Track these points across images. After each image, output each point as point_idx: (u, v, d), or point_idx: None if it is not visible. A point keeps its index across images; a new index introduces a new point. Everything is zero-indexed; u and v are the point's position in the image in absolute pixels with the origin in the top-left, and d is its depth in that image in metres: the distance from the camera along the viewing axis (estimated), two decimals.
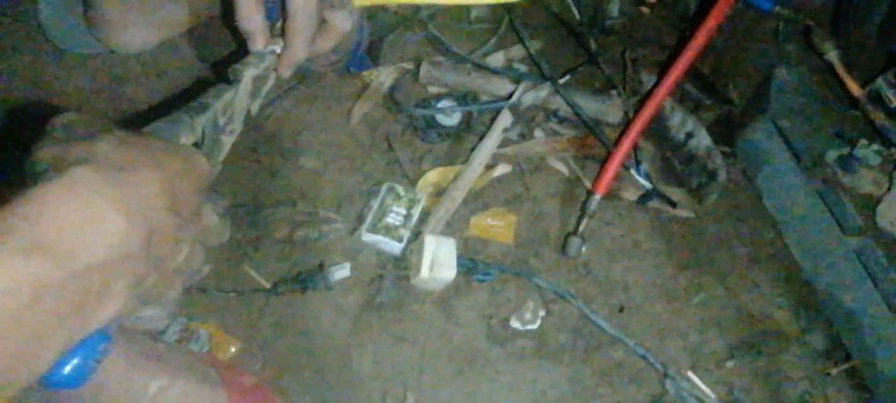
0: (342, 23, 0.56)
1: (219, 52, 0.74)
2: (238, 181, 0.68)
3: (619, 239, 0.75)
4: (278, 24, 0.57)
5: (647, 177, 0.77)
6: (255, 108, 0.52)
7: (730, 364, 0.71)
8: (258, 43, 0.53)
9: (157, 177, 0.31)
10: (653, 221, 0.77)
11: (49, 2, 0.68)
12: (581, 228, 0.72)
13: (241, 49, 0.56)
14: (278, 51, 0.57)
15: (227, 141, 0.49)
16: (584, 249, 0.72)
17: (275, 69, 0.54)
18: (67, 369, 0.34)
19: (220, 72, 0.72)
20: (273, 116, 0.72)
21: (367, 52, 0.74)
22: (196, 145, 0.44)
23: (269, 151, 0.71)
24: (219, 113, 0.47)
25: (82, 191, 0.28)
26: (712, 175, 0.80)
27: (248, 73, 0.49)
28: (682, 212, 0.78)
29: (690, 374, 0.69)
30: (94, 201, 0.28)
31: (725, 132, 0.83)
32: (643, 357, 0.68)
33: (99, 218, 0.28)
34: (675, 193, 0.78)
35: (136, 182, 0.30)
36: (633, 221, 0.77)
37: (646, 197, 0.77)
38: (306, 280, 0.64)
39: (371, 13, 0.67)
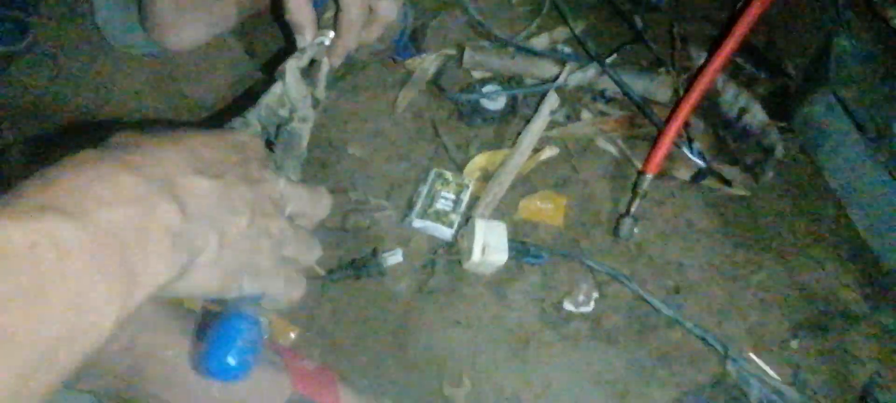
0: (388, 11, 0.57)
1: (267, 46, 0.75)
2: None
3: (672, 219, 0.74)
4: (326, 15, 0.58)
5: (700, 154, 0.75)
6: (319, 93, 0.53)
7: (794, 343, 0.69)
8: (307, 35, 0.54)
9: (173, 145, 0.32)
10: (707, 200, 0.75)
11: (106, 4, 0.70)
12: (632, 209, 0.71)
13: (289, 43, 0.57)
14: (326, 42, 0.58)
15: (301, 127, 0.50)
16: (636, 230, 0.71)
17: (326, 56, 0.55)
18: (231, 360, 0.34)
19: (267, 65, 0.74)
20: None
21: (410, 40, 0.74)
22: (268, 145, 0.47)
23: (318, 142, 0.72)
24: (274, 106, 0.50)
25: (90, 160, 0.28)
26: (768, 151, 0.77)
27: (290, 64, 0.51)
28: (737, 190, 0.75)
29: (752, 355, 0.67)
30: (102, 165, 0.28)
31: (781, 106, 0.80)
32: (702, 338, 0.67)
33: (109, 178, 0.28)
34: (729, 171, 0.76)
35: (150, 149, 0.30)
36: (686, 201, 0.75)
37: (699, 175, 0.75)
38: (360, 267, 0.65)
39: (413, 0, 0.67)
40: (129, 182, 0.28)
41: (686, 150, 0.75)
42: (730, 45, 0.70)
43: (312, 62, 0.54)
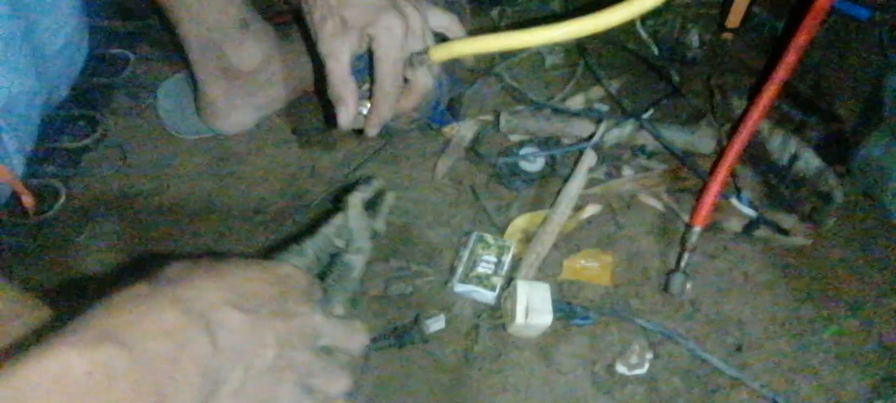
0: (423, 81, 0.59)
1: (311, 124, 0.79)
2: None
3: (727, 272, 0.70)
4: (364, 87, 0.61)
5: (751, 204, 0.72)
6: (379, 226, 0.56)
7: None
8: (350, 108, 0.57)
9: (216, 279, 0.35)
10: (763, 252, 0.71)
11: (166, 96, 0.77)
12: (683, 264, 0.68)
13: (329, 118, 0.60)
14: (365, 113, 0.61)
15: (355, 259, 0.52)
16: (689, 286, 0.68)
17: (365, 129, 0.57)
18: None
19: (310, 140, 0.78)
20: (361, 177, 0.76)
21: (447, 108, 0.76)
22: (322, 274, 0.50)
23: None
24: (332, 236, 0.53)
25: (143, 294, 0.33)
26: (826, 197, 0.73)
27: (354, 198, 0.54)
28: (796, 240, 0.71)
29: None
30: (151, 300, 0.32)
31: (836, 151, 0.77)
32: (773, 400, 0.62)
33: (156, 312, 0.32)
34: (785, 220, 0.72)
35: (195, 283, 0.34)
36: (740, 253, 0.71)
37: (751, 225, 0.71)
38: (402, 334, 0.64)
39: (448, 69, 0.69)
40: (171, 316, 0.32)
41: (735, 201, 0.72)
42: (771, 90, 0.69)
43: (377, 196, 0.57)
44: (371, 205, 0.57)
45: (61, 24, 0.58)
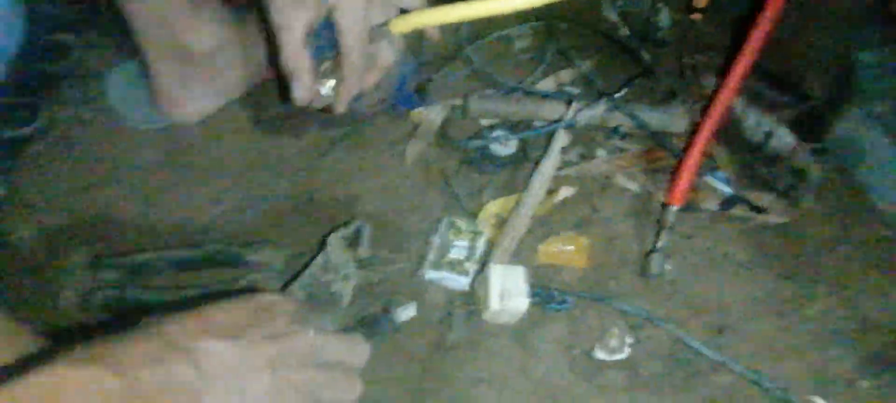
0: (386, 54, 0.56)
1: (272, 112, 0.76)
2: (298, 231, 0.67)
3: (706, 252, 0.68)
4: (324, 66, 0.58)
5: (727, 182, 0.71)
6: (363, 251, 0.61)
7: (864, 383, 0.60)
8: (304, 82, 0.54)
9: (193, 316, 0.37)
10: (741, 230, 0.70)
11: (116, 83, 0.72)
12: (660, 243, 0.66)
13: (284, 93, 0.57)
14: (324, 91, 0.58)
15: (343, 286, 0.58)
16: (667, 267, 0.65)
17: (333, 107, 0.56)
18: None
19: (272, 127, 0.74)
20: (327, 166, 0.72)
21: (414, 93, 0.74)
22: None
23: (326, 200, 0.70)
24: (317, 274, 0.59)
25: (132, 333, 0.35)
26: (802, 174, 0.72)
27: (333, 239, 0.61)
28: (774, 218, 0.70)
29: (817, 399, 0.59)
30: (138, 334, 0.35)
31: (810, 127, 0.76)
32: (755, 382, 0.59)
33: (143, 344, 0.34)
34: (762, 198, 0.71)
35: (175, 322, 0.36)
36: (718, 232, 0.69)
37: (728, 203, 0.70)
38: (372, 323, 0.60)
39: (415, 51, 0.67)
40: (154, 347, 0.34)
41: (711, 179, 0.70)
42: (741, 66, 0.67)
43: (357, 231, 0.62)
44: (352, 242, 0.62)
45: None
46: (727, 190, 0.70)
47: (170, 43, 0.66)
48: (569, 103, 0.74)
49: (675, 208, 0.67)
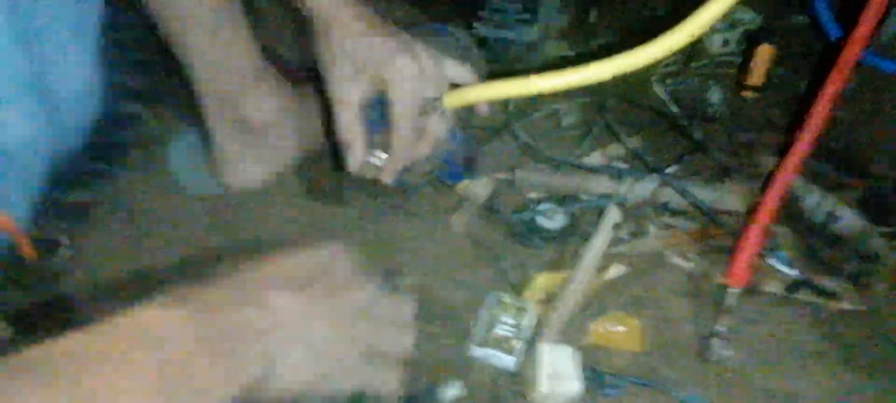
0: (437, 127, 0.57)
1: (323, 181, 0.77)
2: None
3: (771, 339, 0.64)
4: (376, 138, 0.59)
5: (790, 264, 0.67)
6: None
7: None
8: (357, 153, 0.55)
9: (263, 268, 0.39)
10: (810, 317, 0.65)
11: (178, 151, 0.76)
12: (721, 328, 0.62)
13: (339, 163, 0.58)
14: (377, 162, 0.59)
15: None
16: (728, 353, 0.61)
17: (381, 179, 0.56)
18: None
19: (323, 196, 0.76)
20: (374, 235, 0.73)
21: (462, 166, 0.74)
22: None
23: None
24: None
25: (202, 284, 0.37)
26: (873, 258, 0.68)
27: None
28: (846, 305, 0.65)
29: None
30: (212, 283, 0.37)
31: (879, 210, 0.72)
32: None
33: (218, 291, 0.36)
34: (832, 283, 0.66)
35: (251, 270, 0.39)
36: (784, 318, 0.65)
37: (793, 287, 0.66)
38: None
39: (464, 123, 0.68)
40: (231, 293, 0.36)
41: (773, 260, 0.67)
42: (804, 142, 0.65)
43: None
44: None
45: (76, 72, 0.58)
46: (791, 272, 0.66)
47: (231, 114, 0.69)
48: (618, 177, 0.72)
49: (736, 290, 0.63)
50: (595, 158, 0.78)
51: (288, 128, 0.73)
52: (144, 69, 0.83)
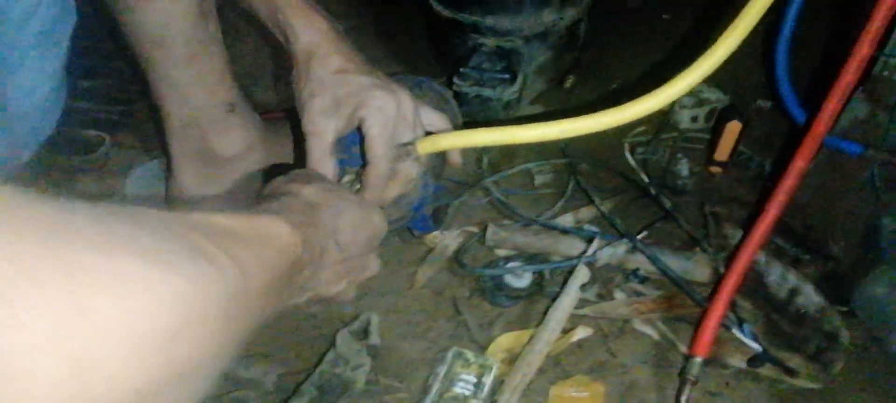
0: (409, 170, 0.56)
1: None
2: (297, 349, 0.63)
3: None
4: (345, 179, 0.58)
5: (754, 337, 0.67)
6: (374, 340, 0.64)
7: None
8: None
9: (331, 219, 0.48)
10: (771, 392, 0.64)
11: (136, 181, 0.73)
12: (683, 398, 0.61)
13: None
14: None
15: (355, 375, 0.61)
16: None
17: None
18: None
19: None
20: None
21: (431, 217, 0.73)
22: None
23: (329, 318, 0.67)
24: (328, 370, 0.61)
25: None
26: (832, 337, 0.68)
27: (341, 334, 0.63)
28: (805, 382, 0.65)
29: None
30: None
31: (834, 289, 0.73)
32: None
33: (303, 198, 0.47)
34: (790, 359, 0.66)
35: (319, 220, 0.46)
36: (746, 392, 0.64)
37: (756, 360, 0.65)
38: None
39: (436, 173, 0.67)
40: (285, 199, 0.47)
41: (737, 332, 0.66)
42: (769, 216, 0.66)
43: (366, 322, 0.65)
44: (362, 335, 0.64)
45: (35, 86, 0.55)
46: (755, 345, 0.66)
47: (196, 144, 0.67)
48: (589, 241, 0.72)
49: (698, 360, 0.62)
50: (567, 220, 0.78)
51: (254, 164, 0.71)
52: (115, 100, 0.81)
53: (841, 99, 0.63)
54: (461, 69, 0.87)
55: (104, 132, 0.80)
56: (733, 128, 0.82)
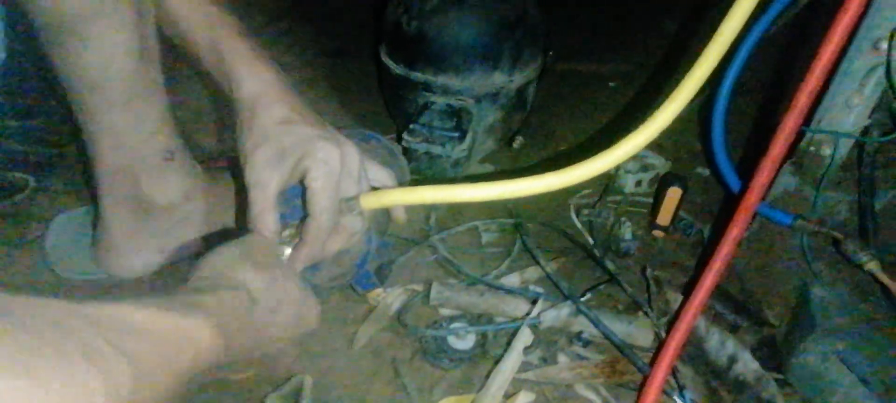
0: (352, 223, 0.55)
1: None
2: None
3: None
4: (285, 232, 0.56)
5: None
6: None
7: None
8: (268, 238, 0.51)
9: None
10: None
11: (60, 228, 0.68)
12: None
13: None
14: (287, 254, 0.55)
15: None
16: None
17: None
18: None
19: None
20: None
21: (375, 273, 0.71)
22: None
23: (260, 380, 0.63)
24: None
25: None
26: None
27: (272, 397, 0.61)
28: None
29: None
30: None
31: (772, 356, 0.74)
32: None
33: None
34: None
35: (253, 321, 0.45)
36: None
37: None
38: None
39: (380, 229, 0.66)
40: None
41: (678, 400, 0.66)
42: (708, 282, 0.68)
43: (299, 386, 0.62)
44: (294, 397, 0.61)
45: None
46: None
47: (127, 191, 0.64)
48: (533, 302, 0.72)
49: None
50: (512, 279, 0.77)
51: (192, 213, 0.68)
52: (44, 142, 0.77)
53: (771, 171, 0.65)
54: (411, 125, 0.88)
55: (30, 175, 0.75)
56: (674, 194, 0.84)
